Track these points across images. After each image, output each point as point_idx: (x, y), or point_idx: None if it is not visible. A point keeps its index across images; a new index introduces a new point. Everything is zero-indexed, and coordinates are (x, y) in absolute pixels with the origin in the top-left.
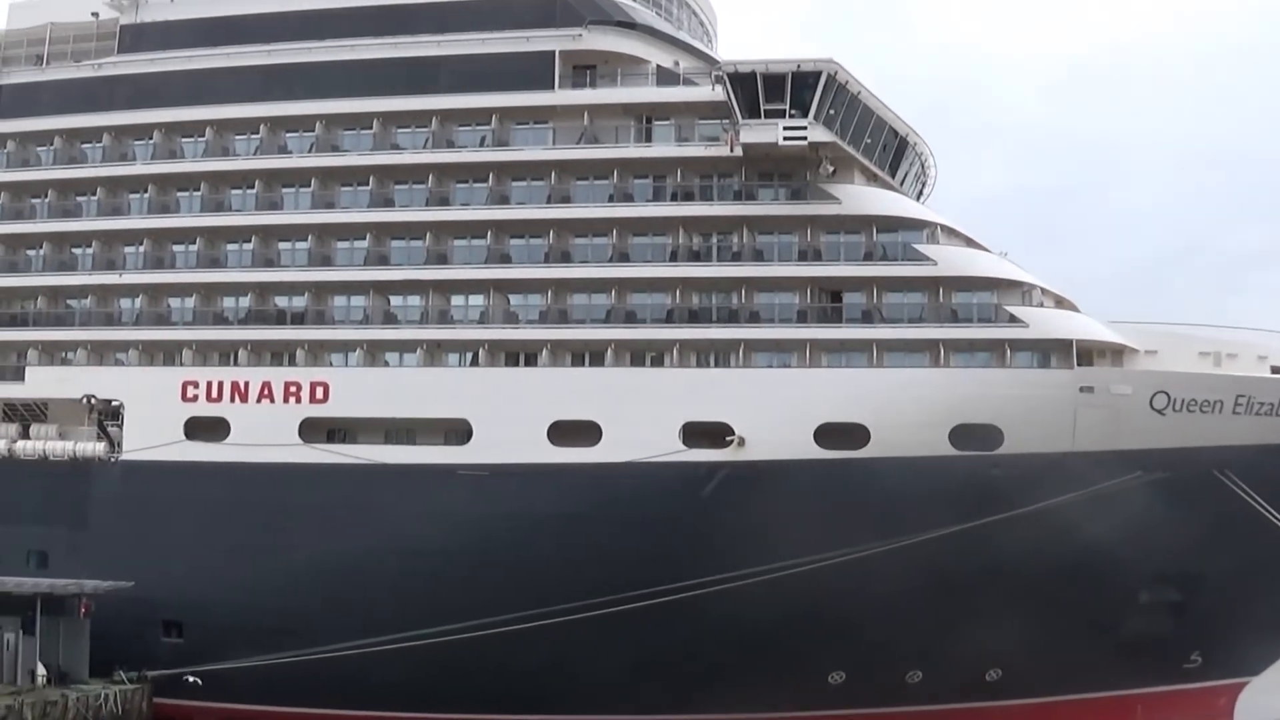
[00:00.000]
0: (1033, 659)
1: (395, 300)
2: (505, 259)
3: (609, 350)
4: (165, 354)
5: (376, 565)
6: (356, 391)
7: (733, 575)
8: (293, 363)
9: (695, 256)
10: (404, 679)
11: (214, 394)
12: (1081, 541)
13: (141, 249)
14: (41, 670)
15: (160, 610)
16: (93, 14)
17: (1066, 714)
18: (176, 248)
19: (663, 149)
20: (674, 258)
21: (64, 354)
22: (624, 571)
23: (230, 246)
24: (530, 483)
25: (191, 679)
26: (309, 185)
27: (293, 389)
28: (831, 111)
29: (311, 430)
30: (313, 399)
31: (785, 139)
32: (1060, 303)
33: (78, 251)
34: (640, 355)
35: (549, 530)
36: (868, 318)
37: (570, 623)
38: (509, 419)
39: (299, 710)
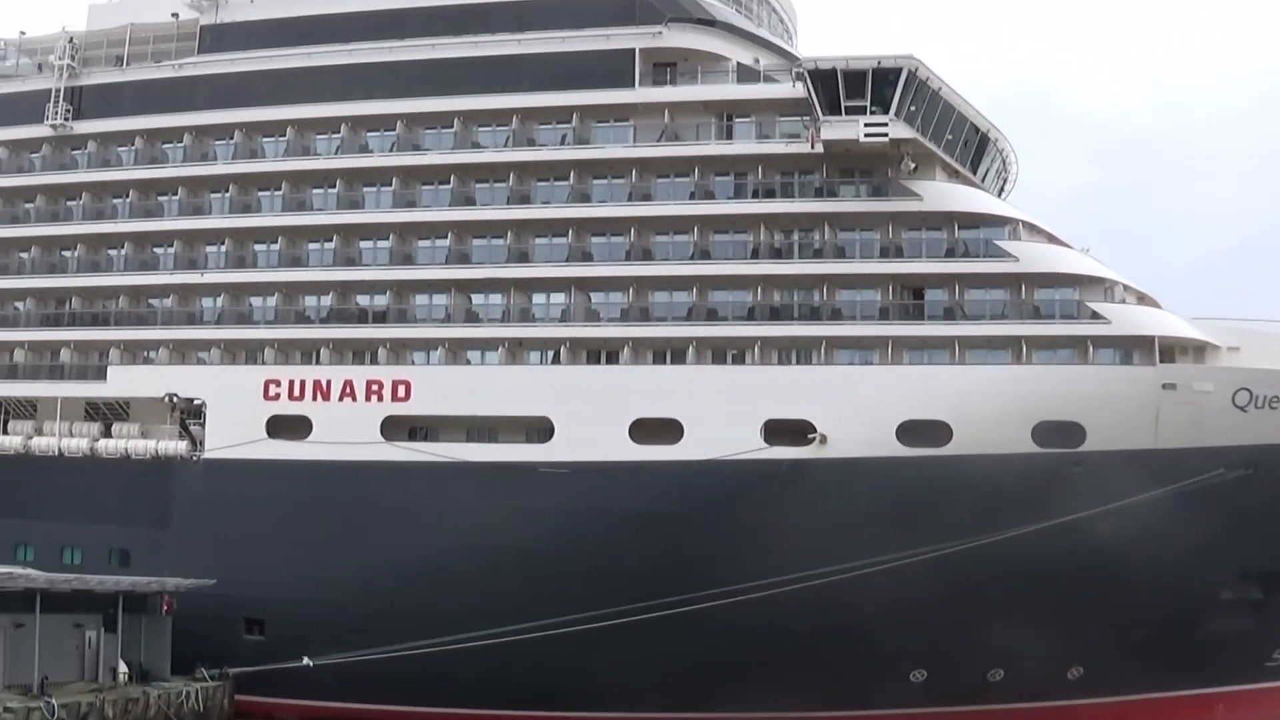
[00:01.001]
0: (1113, 657)
1: (477, 298)
2: (586, 257)
3: (690, 348)
4: (247, 353)
5: (457, 563)
6: (438, 389)
7: (815, 573)
8: (374, 361)
9: (777, 253)
10: (484, 676)
11: (296, 392)
12: (1163, 539)
13: (223, 248)
14: (123, 668)
15: (242, 608)
16: (172, 15)
17: (1147, 712)
18: (258, 247)
19: (744, 146)
20: (755, 255)
21: (146, 353)
22: (705, 569)
23: (312, 245)
24: (611, 481)
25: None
26: (390, 184)
27: (375, 387)
28: (912, 108)
29: (393, 428)
30: (394, 397)
31: (866, 136)
32: (1142, 299)
33: (159, 251)
34: (721, 352)
35: (630, 528)
36: (949, 314)
37: (651, 621)
38: (590, 417)
39: (379, 707)
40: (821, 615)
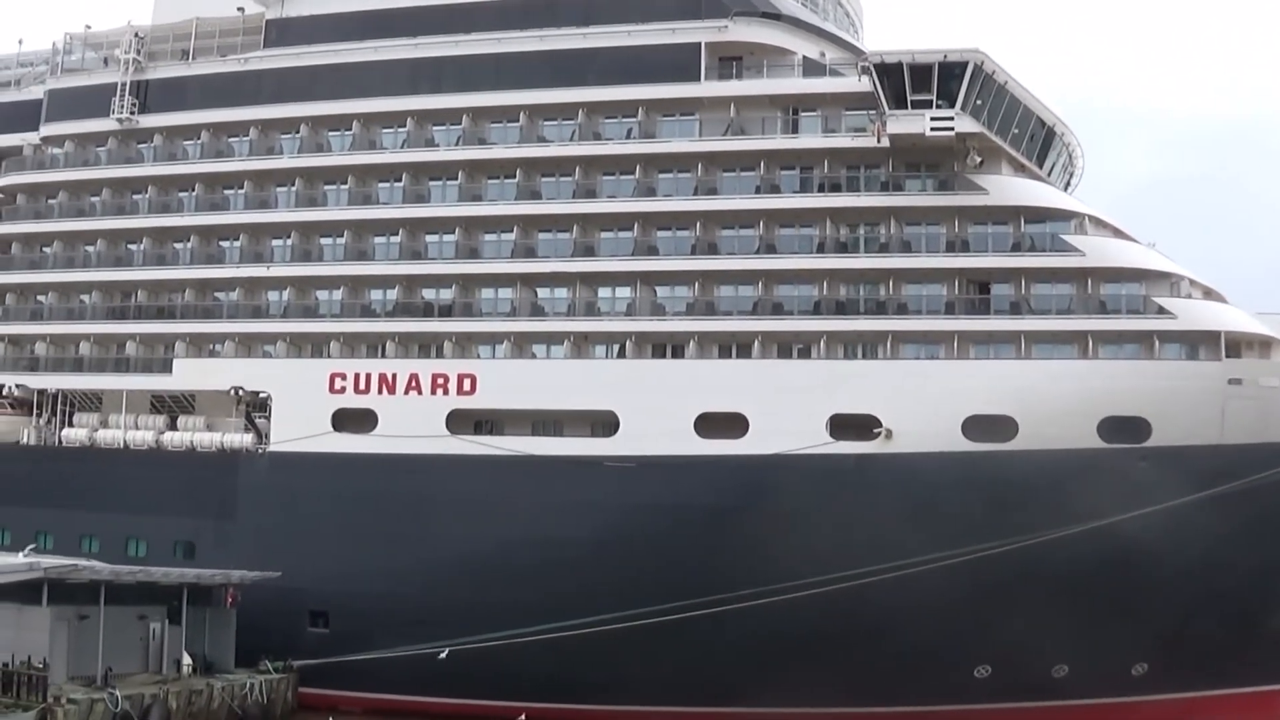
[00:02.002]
0: (1177, 653)
1: (542, 292)
2: (652, 251)
3: (756, 342)
4: (313, 346)
5: (522, 557)
6: (503, 383)
7: (880, 568)
8: (440, 354)
9: (842, 248)
10: (549, 670)
11: (362, 386)
12: (1229, 535)
13: (289, 242)
14: (187, 660)
15: (307, 600)
16: (238, 9)
17: (1211, 709)
18: (324, 240)
19: (809, 140)
20: (821, 249)
21: (211, 346)
22: (770, 564)
23: (378, 239)
24: (677, 475)
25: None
26: (456, 178)
27: (440, 381)
28: (979, 102)
29: (459, 422)
30: (460, 391)
31: (932, 130)
32: (1208, 294)
33: (225, 244)
34: (787, 347)
35: (695, 523)
36: (1016, 309)
37: (716, 615)
38: (656, 411)
39: (443, 700)
40: (886, 610)
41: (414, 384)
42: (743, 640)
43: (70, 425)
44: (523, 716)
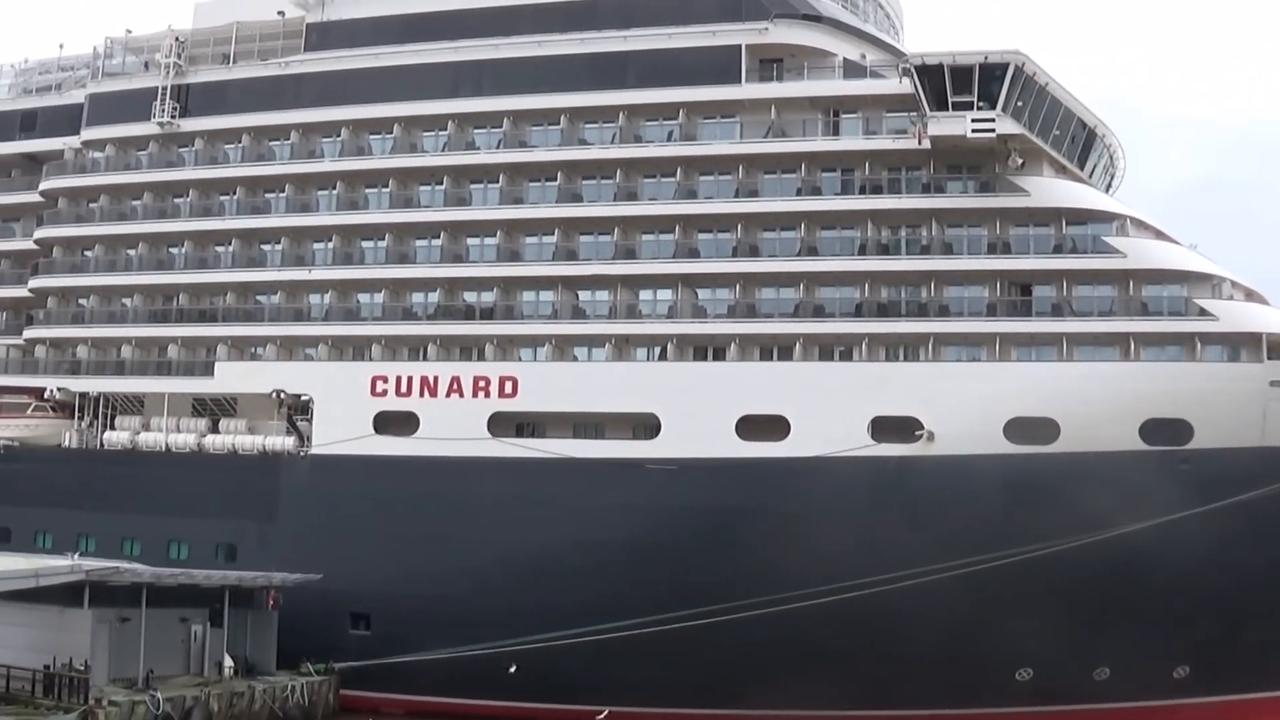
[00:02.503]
0: (1219, 656)
1: (584, 295)
2: (693, 253)
3: (797, 344)
4: (354, 349)
5: (563, 559)
6: (545, 386)
7: (921, 570)
8: (481, 357)
9: (884, 250)
10: (589, 672)
11: (403, 388)
12: (1270, 536)
13: (330, 245)
14: (229, 662)
15: (348, 603)
16: (279, 13)
17: (1256, 712)
18: (365, 243)
19: (850, 142)
20: (862, 251)
21: (253, 349)
22: (813, 567)
23: (419, 242)
24: (719, 477)
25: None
26: (497, 181)
27: (481, 383)
28: (1019, 103)
29: (500, 424)
30: (501, 393)
31: (973, 131)
32: (1250, 295)
33: (266, 248)
34: (829, 349)
35: (737, 525)
36: (1057, 311)
37: (757, 617)
38: (697, 413)
39: (484, 703)
40: (928, 613)
41: (455, 387)
42: (783, 642)
43: (112, 428)
44: (605, 714)
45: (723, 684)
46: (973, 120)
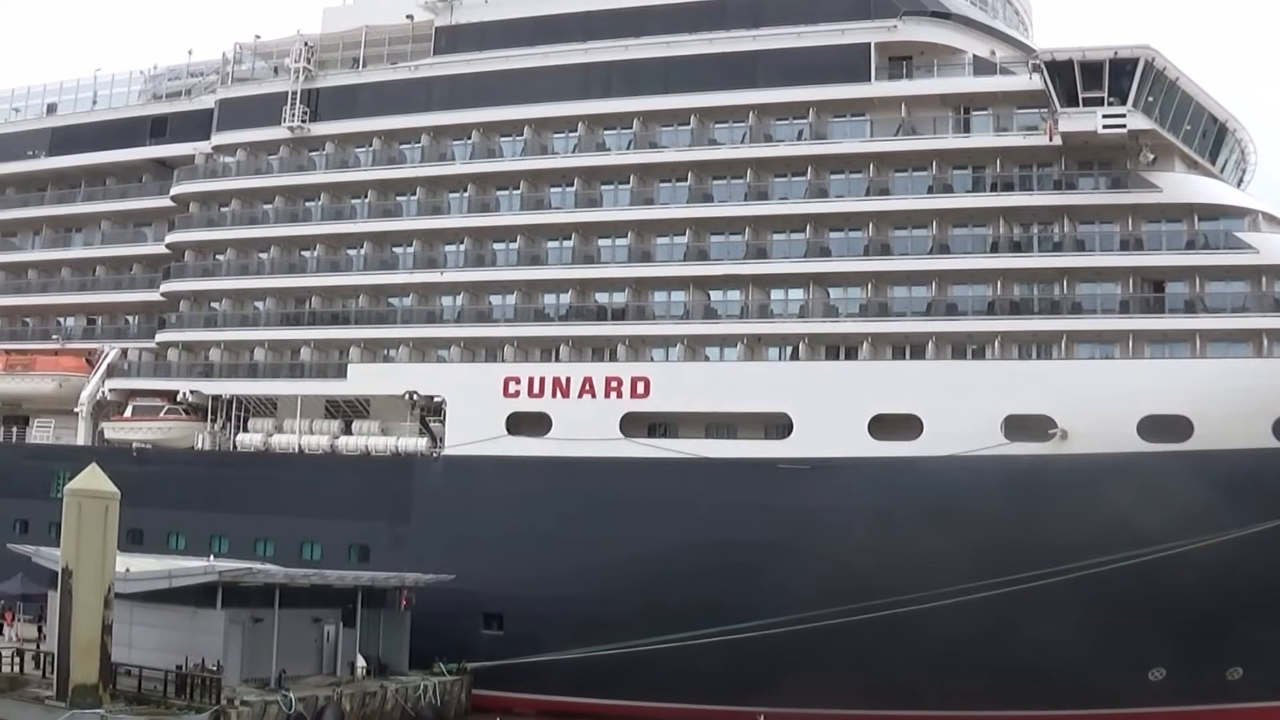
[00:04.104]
0: None
1: (715, 294)
2: (824, 252)
3: (930, 343)
4: (487, 350)
5: (696, 559)
6: (677, 386)
7: (1052, 570)
8: (614, 358)
9: (1016, 247)
10: (722, 672)
11: (536, 389)
12: None
13: (462, 247)
14: (361, 662)
15: (481, 603)
16: (407, 16)
17: None
18: (497, 245)
19: (981, 139)
20: (994, 249)
21: (386, 351)
22: (945, 567)
23: (550, 243)
24: (851, 477)
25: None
26: (628, 182)
27: (614, 384)
28: (1150, 98)
29: (632, 425)
30: (634, 394)
31: (1104, 127)
32: None
33: (398, 250)
34: (961, 347)
35: (870, 525)
36: (1190, 307)
37: (890, 618)
38: (829, 412)
39: (616, 702)
40: (1062, 614)
41: (588, 387)
42: (914, 645)
43: (245, 430)
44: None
45: (853, 684)
46: (1104, 116)
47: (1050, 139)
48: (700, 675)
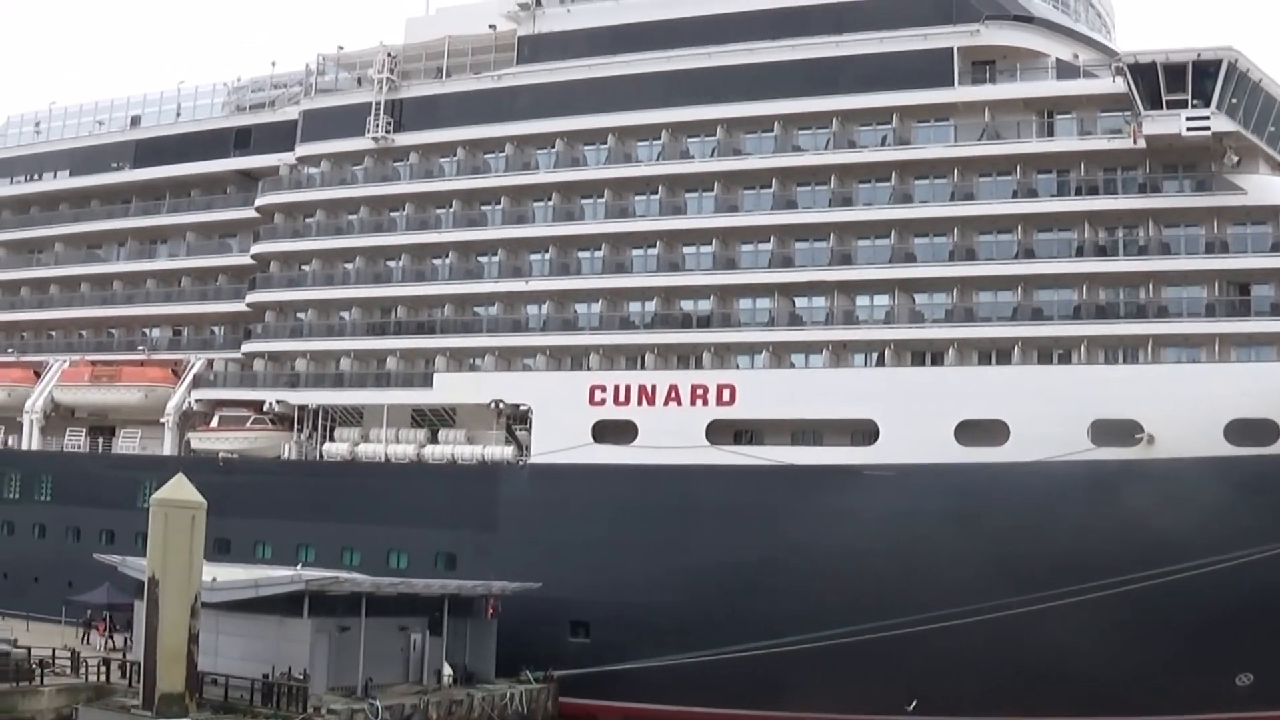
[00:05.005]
0: None
1: (800, 301)
2: (909, 258)
3: (1016, 348)
4: (572, 358)
5: (782, 566)
6: (762, 393)
7: (1141, 575)
8: (699, 365)
9: (1101, 251)
10: (808, 680)
11: (621, 397)
12: None
13: (547, 256)
14: (448, 670)
15: (568, 610)
16: (490, 26)
17: None
18: (582, 254)
19: (1065, 143)
20: (1079, 253)
21: (471, 360)
22: (1033, 573)
23: (635, 252)
24: (938, 483)
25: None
26: (712, 189)
27: (699, 391)
28: (1234, 100)
29: (718, 432)
30: (719, 401)
31: (1188, 130)
32: None
33: (483, 259)
34: (1047, 352)
35: (956, 531)
36: (1276, 310)
37: (976, 624)
38: (915, 418)
39: (703, 710)
40: (1150, 619)
41: (673, 395)
42: (997, 651)
43: (331, 439)
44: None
45: (941, 690)
46: (1187, 119)
47: (1134, 142)
48: (786, 682)
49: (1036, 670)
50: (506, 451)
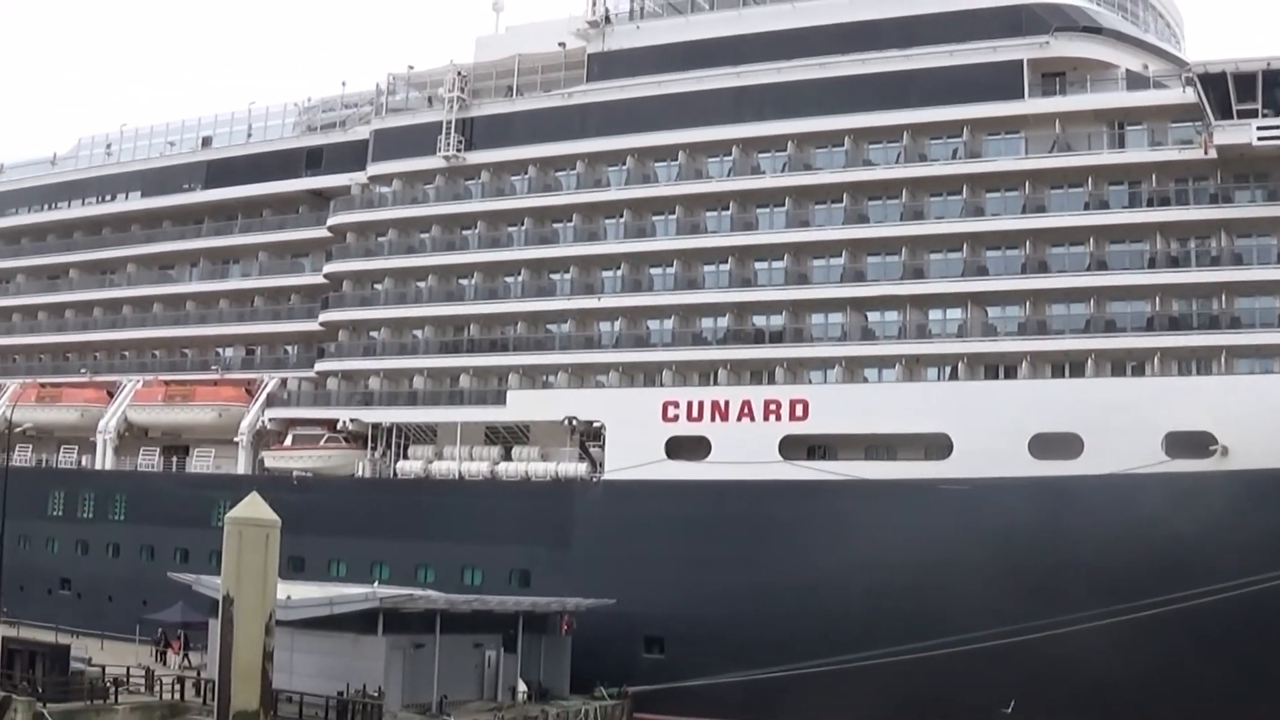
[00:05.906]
0: None
1: (873, 315)
2: (982, 271)
3: (1089, 360)
4: (645, 375)
5: (856, 582)
6: (835, 408)
7: (1217, 587)
8: (771, 381)
9: (1174, 262)
10: (883, 695)
11: (694, 413)
12: None
13: (619, 272)
14: (522, 687)
15: (642, 626)
16: (559, 44)
17: None
18: (653, 270)
19: (1136, 154)
20: (1152, 264)
21: (544, 377)
22: (1109, 586)
23: (707, 268)
24: (1012, 497)
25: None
26: (783, 204)
27: (772, 407)
28: None
29: (791, 447)
30: (792, 416)
31: (1259, 139)
32: None
33: (555, 277)
34: (1121, 364)
35: (1030, 544)
36: None
37: (1054, 638)
38: (989, 432)
39: None
40: (1229, 633)
41: (746, 410)
42: (1078, 665)
43: (405, 457)
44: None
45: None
46: (1258, 128)
47: (1205, 152)
48: (860, 697)
49: (1139, 678)
50: (580, 468)
